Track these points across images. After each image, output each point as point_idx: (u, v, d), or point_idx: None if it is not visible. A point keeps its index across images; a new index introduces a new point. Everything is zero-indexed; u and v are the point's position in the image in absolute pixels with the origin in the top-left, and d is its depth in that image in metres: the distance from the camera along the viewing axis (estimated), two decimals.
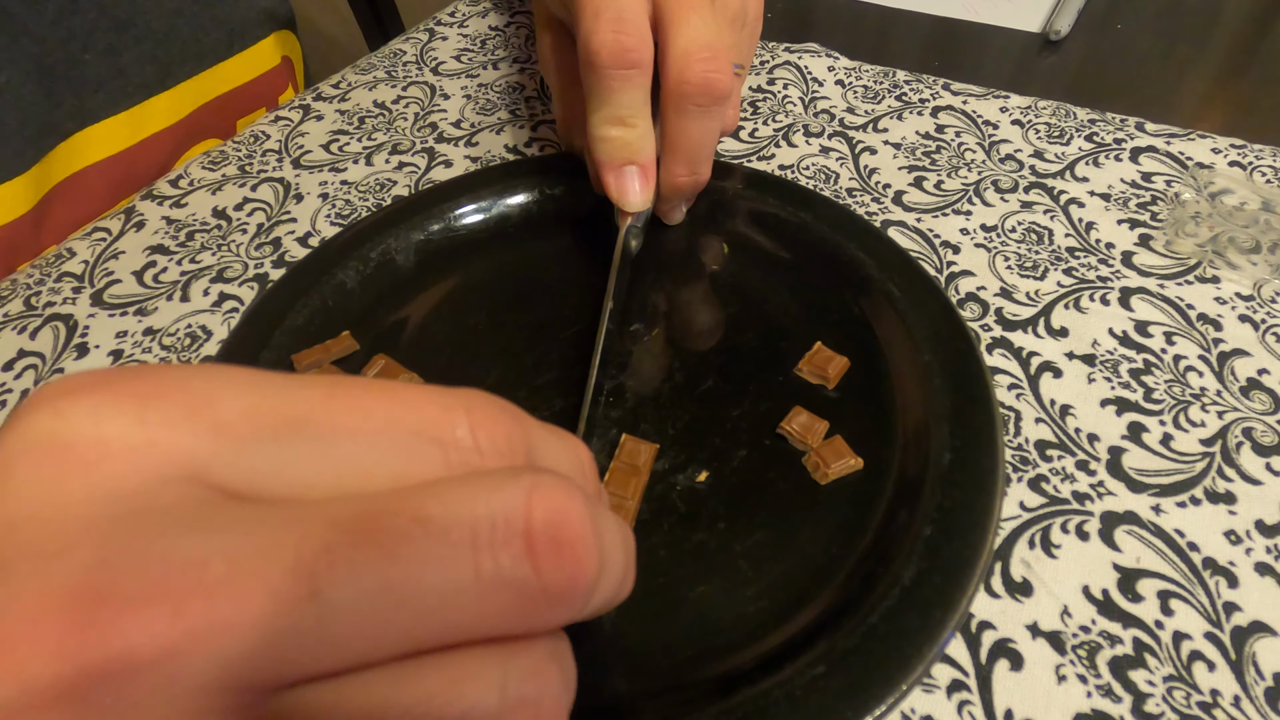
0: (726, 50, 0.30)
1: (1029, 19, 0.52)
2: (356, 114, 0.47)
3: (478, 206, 0.38)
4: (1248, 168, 0.39)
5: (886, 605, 0.23)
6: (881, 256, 0.33)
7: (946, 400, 0.28)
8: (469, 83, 0.49)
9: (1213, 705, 0.22)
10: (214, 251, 0.38)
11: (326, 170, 0.43)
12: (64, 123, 0.42)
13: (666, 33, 0.29)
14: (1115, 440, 0.28)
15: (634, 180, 0.31)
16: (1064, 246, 0.36)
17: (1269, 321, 0.32)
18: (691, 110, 0.30)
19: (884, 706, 0.21)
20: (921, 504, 0.25)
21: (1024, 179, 0.39)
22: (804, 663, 0.22)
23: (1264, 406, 0.29)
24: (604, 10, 0.29)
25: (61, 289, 0.37)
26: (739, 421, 0.29)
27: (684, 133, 0.31)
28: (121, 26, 0.44)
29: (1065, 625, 0.24)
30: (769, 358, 0.31)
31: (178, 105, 0.48)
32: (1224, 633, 0.24)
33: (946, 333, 0.30)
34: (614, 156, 0.31)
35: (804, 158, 0.41)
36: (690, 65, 0.29)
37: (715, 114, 0.30)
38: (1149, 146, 0.41)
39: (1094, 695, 0.23)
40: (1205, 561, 0.25)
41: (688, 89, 0.29)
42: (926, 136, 0.42)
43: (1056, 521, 0.26)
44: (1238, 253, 0.35)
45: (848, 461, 0.27)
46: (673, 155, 0.32)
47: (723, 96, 0.30)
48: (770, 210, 0.36)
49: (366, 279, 0.35)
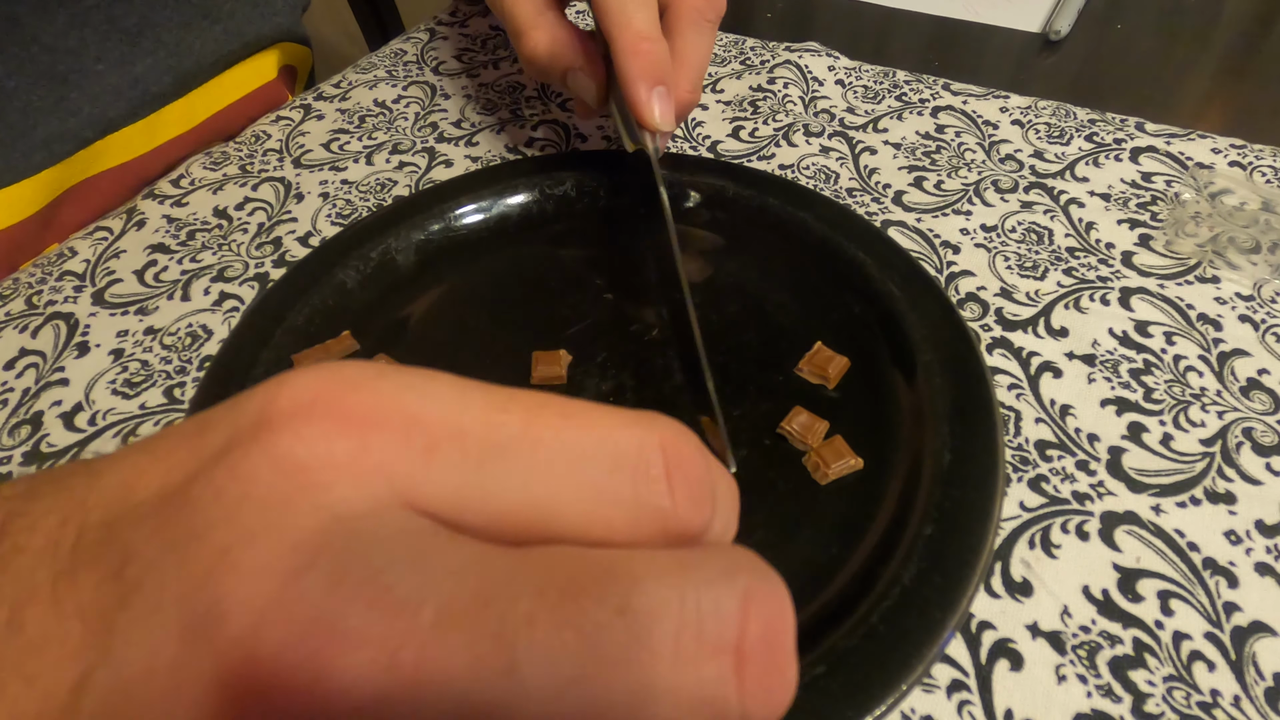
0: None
1: (1029, 19, 0.52)
2: (357, 113, 0.47)
3: (478, 206, 0.38)
4: (1248, 168, 0.39)
5: (886, 605, 0.23)
6: (881, 256, 0.33)
7: (946, 400, 0.28)
8: (469, 82, 0.49)
9: (1213, 705, 0.22)
10: (215, 251, 0.38)
11: (327, 170, 0.43)
12: (82, 130, 0.43)
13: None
14: (1115, 440, 0.28)
15: (664, 99, 0.32)
16: (1064, 246, 0.36)
17: (1269, 321, 0.32)
18: (704, 26, 0.34)
19: (884, 706, 0.21)
20: (921, 504, 0.25)
21: (1024, 179, 0.39)
22: (804, 663, 0.22)
23: (1264, 406, 0.29)
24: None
25: (63, 288, 0.37)
26: (739, 421, 0.29)
27: (696, 49, 0.34)
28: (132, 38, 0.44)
29: (1065, 625, 0.24)
30: (769, 358, 0.31)
31: (190, 114, 0.48)
32: (1224, 633, 0.24)
33: (946, 333, 0.30)
34: (650, 72, 0.31)
35: (804, 157, 0.41)
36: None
37: (714, 30, 0.34)
38: (1149, 146, 0.41)
39: (1094, 695, 0.23)
40: (1205, 561, 0.25)
41: (702, 3, 0.33)
42: (926, 136, 0.42)
43: (1056, 521, 0.26)
44: (1238, 253, 0.35)
45: (848, 461, 0.27)
46: (684, 73, 0.33)
47: (721, 14, 0.34)
48: (770, 210, 0.36)
49: (367, 279, 0.35)
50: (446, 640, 0.10)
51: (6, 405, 0.32)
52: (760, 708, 0.11)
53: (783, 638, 0.11)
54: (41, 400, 0.32)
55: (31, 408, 0.32)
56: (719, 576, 0.11)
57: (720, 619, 0.11)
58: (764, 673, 0.11)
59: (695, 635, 0.11)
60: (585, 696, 0.10)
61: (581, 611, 0.11)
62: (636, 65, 0.31)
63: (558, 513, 0.12)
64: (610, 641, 0.10)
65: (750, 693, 0.11)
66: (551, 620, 0.10)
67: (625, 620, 0.11)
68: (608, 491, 0.12)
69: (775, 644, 0.11)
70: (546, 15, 0.35)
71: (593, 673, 0.10)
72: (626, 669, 0.10)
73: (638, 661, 0.10)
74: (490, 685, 0.10)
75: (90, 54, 0.42)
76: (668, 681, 0.11)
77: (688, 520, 0.13)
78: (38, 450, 0.30)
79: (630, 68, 0.31)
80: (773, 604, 0.11)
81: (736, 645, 0.11)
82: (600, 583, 0.11)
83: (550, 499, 0.12)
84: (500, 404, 0.12)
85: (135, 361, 0.33)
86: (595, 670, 0.10)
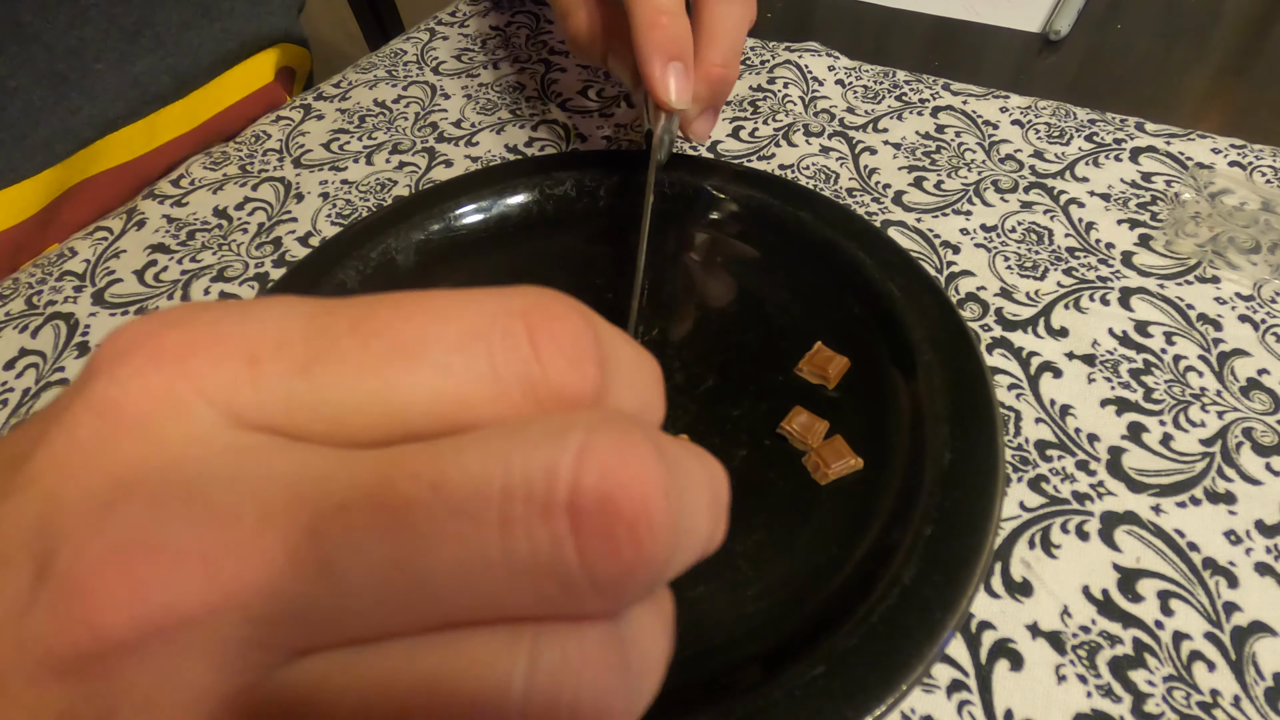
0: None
1: (1029, 19, 0.52)
2: (357, 113, 0.47)
3: (478, 206, 0.38)
4: (1248, 168, 0.39)
5: (886, 605, 0.23)
6: (881, 256, 0.33)
7: (946, 400, 0.28)
8: (469, 82, 0.49)
9: (1213, 705, 0.22)
10: (215, 251, 0.38)
11: (327, 169, 0.43)
12: (82, 130, 0.43)
13: None
14: (1115, 440, 0.28)
15: (680, 76, 0.31)
16: (1064, 246, 0.36)
17: (1269, 321, 0.32)
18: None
19: (884, 706, 0.21)
20: (921, 504, 0.25)
21: (1024, 179, 0.39)
22: (804, 663, 0.22)
23: (1264, 406, 0.29)
24: None
25: (63, 288, 0.37)
26: (739, 421, 0.29)
27: (723, 18, 0.32)
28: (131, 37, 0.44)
29: (1065, 625, 0.24)
30: (769, 358, 0.31)
31: (191, 114, 0.48)
32: (1224, 633, 0.24)
33: (946, 333, 0.30)
34: (665, 47, 0.31)
35: (804, 157, 0.41)
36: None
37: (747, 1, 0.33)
38: (1149, 146, 0.41)
39: (1094, 695, 0.23)
40: (1205, 561, 0.25)
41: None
42: (926, 136, 0.42)
43: (1056, 521, 0.26)
44: (1238, 253, 0.35)
45: (848, 461, 0.27)
46: (711, 44, 0.32)
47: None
48: (770, 210, 0.36)
49: (366, 279, 0.35)
50: (263, 543, 0.10)
51: (6, 405, 0.32)
52: (608, 566, 0.10)
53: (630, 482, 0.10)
54: (41, 400, 0.32)
55: (32, 408, 0.32)
56: (551, 435, 0.10)
57: (550, 478, 0.10)
58: (605, 528, 0.10)
59: (524, 499, 0.10)
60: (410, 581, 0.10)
61: (394, 492, 0.10)
62: (651, 39, 0.31)
63: (404, 404, 0.11)
64: (427, 518, 0.10)
65: (591, 550, 0.10)
66: (364, 506, 0.10)
67: (441, 494, 0.10)
68: (458, 369, 0.11)
69: (620, 493, 0.10)
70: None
71: (412, 554, 0.10)
72: (449, 544, 0.10)
73: (461, 535, 0.10)
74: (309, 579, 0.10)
75: (90, 53, 0.43)
76: (497, 552, 0.10)
77: (563, 384, 0.11)
78: None
79: (645, 42, 0.31)
80: (616, 449, 0.10)
81: (569, 503, 0.10)
82: (417, 461, 0.10)
83: (390, 391, 0.11)
84: (327, 308, 0.12)
85: None
86: (415, 551, 0.10)
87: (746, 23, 0.33)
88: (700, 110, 0.34)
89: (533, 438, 0.10)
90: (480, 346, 0.11)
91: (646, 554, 0.10)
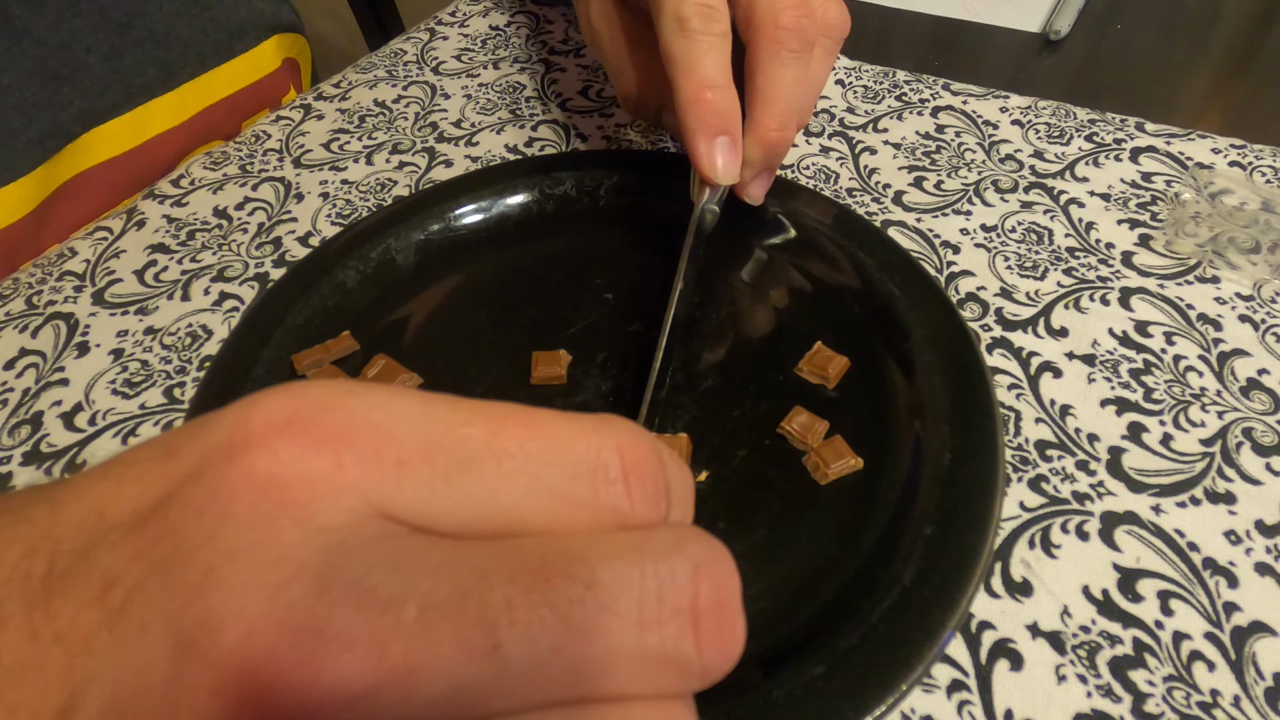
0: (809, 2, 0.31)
1: (1029, 19, 0.52)
2: (357, 113, 0.47)
3: (478, 206, 0.38)
4: (1248, 168, 0.39)
5: (886, 605, 0.23)
6: (881, 256, 0.33)
7: (946, 400, 0.28)
8: (469, 82, 0.49)
9: (1213, 705, 0.22)
10: (215, 251, 0.38)
11: (327, 169, 0.43)
12: (71, 125, 0.43)
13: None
14: (1115, 440, 0.28)
15: (727, 150, 0.31)
16: (1064, 246, 0.36)
17: (1269, 321, 0.32)
18: (785, 56, 0.31)
19: (884, 706, 0.21)
20: (921, 504, 0.25)
21: (1024, 179, 0.39)
22: (804, 663, 0.22)
23: (1264, 406, 0.29)
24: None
25: (63, 288, 0.37)
26: (739, 421, 0.29)
27: (778, 80, 0.31)
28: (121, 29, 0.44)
29: (1065, 625, 0.24)
30: (769, 358, 0.31)
31: (181, 107, 0.48)
32: (1224, 633, 0.24)
33: (946, 333, 0.30)
34: (709, 123, 0.30)
35: (804, 158, 0.41)
36: (782, 11, 0.30)
37: (804, 60, 0.31)
38: (1149, 146, 0.41)
39: (1094, 695, 0.23)
40: (1205, 561, 0.25)
41: (782, 34, 0.30)
42: (926, 136, 0.42)
43: (1056, 521, 0.26)
44: (1238, 253, 0.35)
45: (848, 461, 0.27)
46: (764, 107, 0.31)
47: (811, 43, 0.31)
48: (770, 210, 0.36)
49: (366, 279, 0.35)
50: (431, 630, 0.11)
51: (6, 405, 0.32)
52: (716, 658, 0.12)
53: (730, 597, 0.13)
54: (41, 400, 0.32)
55: (31, 408, 0.32)
56: (671, 550, 0.13)
57: (676, 586, 0.12)
58: (717, 628, 0.12)
59: (656, 601, 0.12)
60: (564, 665, 0.12)
61: (555, 589, 0.12)
62: (695, 116, 0.30)
63: (523, 518, 0.13)
64: (582, 613, 0.12)
65: (707, 646, 0.12)
66: (528, 600, 0.12)
67: (594, 593, 0.12)
68: (570, 497, 0.13)
69: (724, 603, 0.13)
70: (638, 55, 0.35)
71: (569, 642, 0.12)
72: (599, 636, 0.12)
73: (608, 628, 0.12)
74: (477, 666, 0.11)
75: (81, 46, 0.42)
76: (635, 643, 0.12)
77: (644, 517, 0.14)
78: (38, 450, 0.30)
79: (689, 118, 0.30)
80: (719, 569, 0.13)
81: (691, 606, 0.12)
82: (568, 563, 0.12)
83: (515, 506, 0.13)
84: (465, 418, 0.13)
85: (135, 361, 0.33)
86: (571, 640, 0.12)
87: (803, 83, 0.31)
88: (754, 174, 0.33)
89: (659, 550, 0.13)
90: (586, 482, 0.13)
91: (739, 647, 0.13)
